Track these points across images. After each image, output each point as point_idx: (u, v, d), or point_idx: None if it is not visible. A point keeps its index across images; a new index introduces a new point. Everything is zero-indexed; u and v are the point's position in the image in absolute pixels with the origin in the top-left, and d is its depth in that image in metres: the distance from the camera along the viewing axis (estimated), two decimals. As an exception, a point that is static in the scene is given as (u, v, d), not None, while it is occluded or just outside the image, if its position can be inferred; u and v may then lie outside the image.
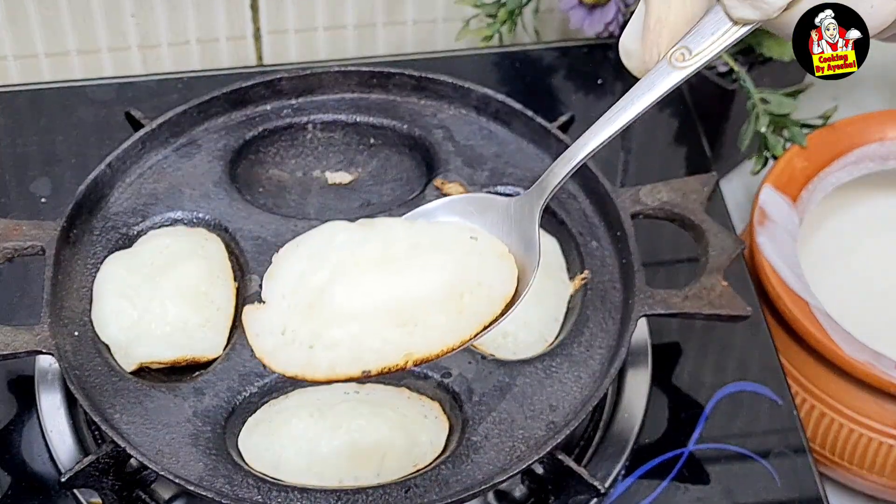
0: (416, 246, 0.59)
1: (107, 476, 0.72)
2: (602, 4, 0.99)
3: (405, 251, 0.59)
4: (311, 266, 0.59)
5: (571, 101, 0.99)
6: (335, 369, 0.57)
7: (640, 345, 0.82)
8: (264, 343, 0.58)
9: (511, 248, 0.61)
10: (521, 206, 0.61)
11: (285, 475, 0.70)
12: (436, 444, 0.72)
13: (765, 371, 0.83)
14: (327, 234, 0.60)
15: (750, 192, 0.99)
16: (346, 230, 0.60)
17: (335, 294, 0.58)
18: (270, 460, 0.71)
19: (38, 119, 0.95)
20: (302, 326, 0.57)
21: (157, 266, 0.77)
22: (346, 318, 0.57)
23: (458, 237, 0.60)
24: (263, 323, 0.58)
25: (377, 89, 0.87)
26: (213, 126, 0.85)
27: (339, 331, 0.57)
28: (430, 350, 0.58)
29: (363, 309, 0.58)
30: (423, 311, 0.58)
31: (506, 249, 0.61)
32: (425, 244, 0.60)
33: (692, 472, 0.78)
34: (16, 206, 0.89)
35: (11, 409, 0.80)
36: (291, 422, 0.71)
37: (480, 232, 0.61)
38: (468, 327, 0.59)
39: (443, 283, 0.58)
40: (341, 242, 0.59)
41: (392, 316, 0.58)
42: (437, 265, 0.59)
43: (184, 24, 1.04)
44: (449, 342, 0.58)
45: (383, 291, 0.58)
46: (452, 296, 0.58)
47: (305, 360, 0.57)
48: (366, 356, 0.57)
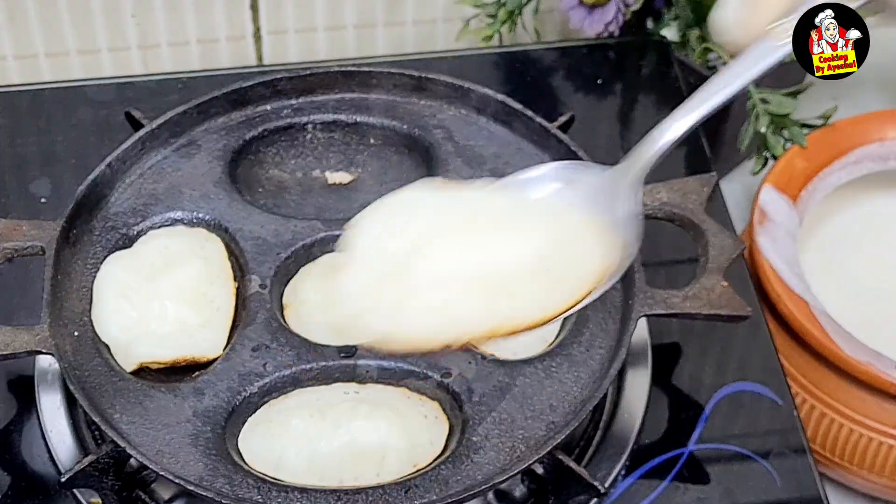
0: (509, 214, 0.57)
1: (107, 476, 0.72)
2: (602, 4, 0.99)
3: (496, 220, 0.57)
4: (396, 229, 0.57)
5: (571, 101, 0.99)
6: (418, 338, 0.55)
7: (640, 345, 0.82)
8: (347, 307, 0.56)
9: (606, 222, 0.58)
10: (619, 179, 0.59)
11: (286, 475, 0.70)
12: (436, 444, 0.72)
13: (765, 371, 0.83)
14: (415, 197, 0.58)
15: (750, 193, 0.99)
16: (434, 194, 0.58)
17: (421, 262, 0.56)
18: (271, 460, 0.71)
19: (37, 119, 0.95)
20: (387, 293, 0.55)
21: (157, 266, 0.77)
22: (432, 286, 0.55)
23: (551, 208, 0.58)
24: (348, 286, 0.56)
25: (377, 89, 0.87)
26: (212, 126, 0.85)
27: (424, 299, 0.55)
28: (518, 322, 0.56)
29: (450, 277, 0.55)
30: (513, 281, 0.56)
31: (600, 224, 0.58)
32: (518, 214, 0.57)
33: (692, 472, 0.79)
34: (16, 207, 0.89)
35: (11, 409, 0.80)
36: (292, 422, 0.71)
37: (578, 206, 0.58)
38: (559, 300, 0.57)
39: (532, 255, 0.56)
40: (429, 207, 0.57)
41: (480, 285, 0.56)
42: (527, 236, 0.56)
43: (184, 24, 1.05)
44: (538, 315, 0.56)
45: (471, 260, 0.56)
46: (542, 269, 0.56)
47: (388, 327, 0.55)
48: (451, 325, 0.55)
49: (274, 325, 0.76)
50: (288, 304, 0.78)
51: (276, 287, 0.78)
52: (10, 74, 1.06)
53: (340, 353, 0.75)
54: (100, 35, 1.04)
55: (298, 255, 0.80)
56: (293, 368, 0.74)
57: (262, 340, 0.75)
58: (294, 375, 0.74)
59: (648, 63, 1.01)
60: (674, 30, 1.01)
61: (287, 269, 0.80)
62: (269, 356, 0.75)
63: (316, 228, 0.81)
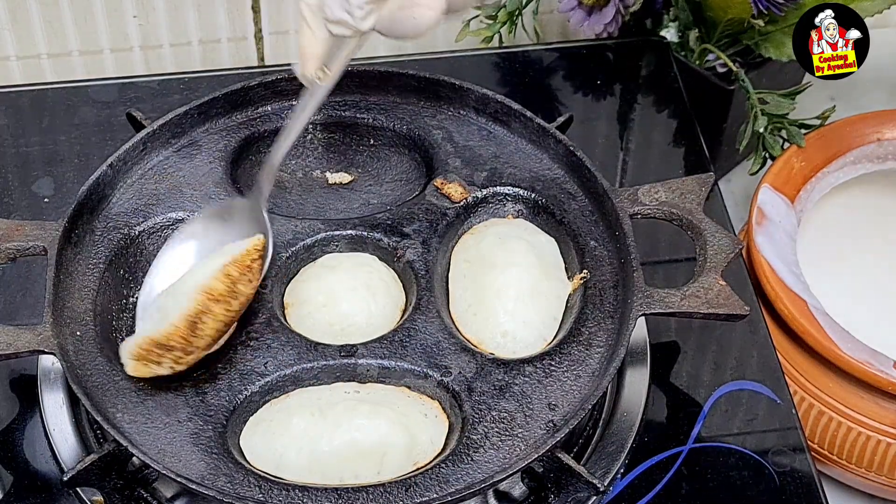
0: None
1: (109, 475, 0.72)
2: (601, 6, 0.99)
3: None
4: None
5: (570, 101, 0.99)
6: None
7: (638, 344, 0.82)
8: None
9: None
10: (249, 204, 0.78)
11: (287, 474, 0.71)
12: (436, 443, 0.73)
13: (763, 370, 0.83)
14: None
15: (748, 192, 0.99)
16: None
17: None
18: (272, 459, 0.71)
19: (40, 119, 0.95)
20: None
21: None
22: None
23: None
24: None
25: (377, 90, 0.88)
26: (214, 127, 0.86)
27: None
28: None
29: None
30: None
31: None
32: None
33: (691, 470, 0.79)
34: (18, 207, 0.90)
35: (15, 408, 0.80)
36: (292, 421, 0.72)
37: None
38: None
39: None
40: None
41: None
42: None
43: (185, 24, 1.05)
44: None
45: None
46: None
47: None
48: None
49: (275, 324, 0.76)
50: (289, 304, 0.79)
51: (277, 287, 0.79)
52: (12, 75, 1.06)
53: (341, 353, 0.75)
54: (102, 36, 1.04)
55: (299, 254, 0.80)
56: (294, 368, 0.75)
57: (264, 340, 0.76)
58: (295, 375, 0.75)
59: (647, 64, 1.01)
60: (672, 31, 1.01)
61: (288, 268, 0.80)
62: (270, 355, 0.75)
63: (316, 228, 0.81)
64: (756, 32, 0.96)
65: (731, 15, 0.95)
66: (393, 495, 0.69)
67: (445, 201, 0.83)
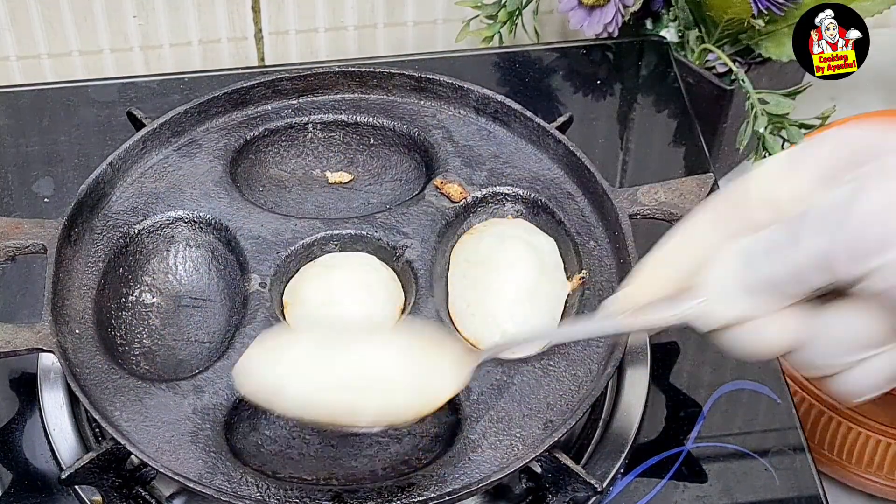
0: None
1: (107, 473, 0.72)
2: (601, 6, 1.00)
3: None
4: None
5: (570, 101, 0.99)
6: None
7: (638, 344, 0.82)
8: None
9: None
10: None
11: (284, 400, 0.65)
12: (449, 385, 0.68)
13: (763, 370, 0.83)
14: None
15: (749, 193, 0.99)
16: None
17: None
18: (271, 385, 0.65)
19: (40, 119, 0.95)
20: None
21: None
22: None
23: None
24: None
25: (377, 89, 0.88)
26: (213, 126, 0.86)
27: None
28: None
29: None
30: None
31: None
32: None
33: (691, 470, 0.79)
34: (18, 206, 0.90)
35: (14, 406, 0.80)
36: (295, 347, 0.67)
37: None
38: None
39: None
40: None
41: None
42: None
43: (185, 24, 1.05)
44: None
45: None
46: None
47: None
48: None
49: (274, 323, 0.76)
50: (288, 303, 0.79)
51: (276, 286, 0.79)
52: (13, 74, 1.06)
53: (340, 352, 0.75)
54: (102, 35, 1.05)
55: (298, 253, 0.80)
56: (293, 366, 0.75)
57: (262, 339, 0.76)
58: (294, 373, 0.75)
59: (647, 64, 1.01)
60: (672, 31, 1.01)
61: (287, 267, 0.80)
62: (268, 354, 0.75)
63: (316, 227, 0.81)
64: (756, 32, 0.96)
65: (731, 15, 0.95)
66: (391, 494, 0.69)
67: (445, 201, 0.83)
